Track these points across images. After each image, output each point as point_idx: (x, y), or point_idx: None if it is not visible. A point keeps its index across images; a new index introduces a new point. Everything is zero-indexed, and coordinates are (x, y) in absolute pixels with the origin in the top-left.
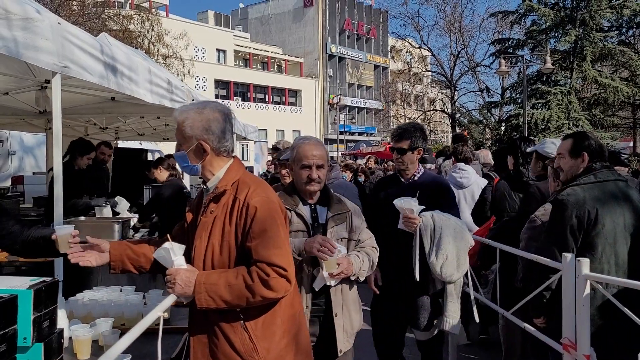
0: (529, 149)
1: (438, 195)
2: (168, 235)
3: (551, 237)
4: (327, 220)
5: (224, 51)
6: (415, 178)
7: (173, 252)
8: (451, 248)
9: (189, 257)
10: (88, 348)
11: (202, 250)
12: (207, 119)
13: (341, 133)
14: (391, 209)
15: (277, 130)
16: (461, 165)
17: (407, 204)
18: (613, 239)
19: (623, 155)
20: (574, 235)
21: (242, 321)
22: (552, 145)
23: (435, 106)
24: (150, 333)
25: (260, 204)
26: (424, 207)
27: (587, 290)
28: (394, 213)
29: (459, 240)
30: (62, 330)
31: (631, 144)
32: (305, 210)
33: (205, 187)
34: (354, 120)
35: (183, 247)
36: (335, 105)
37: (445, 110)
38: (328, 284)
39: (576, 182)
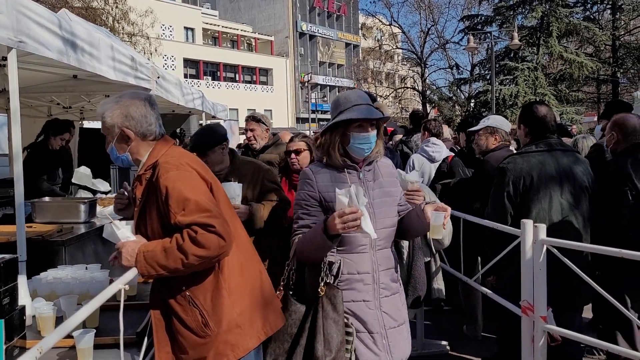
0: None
1: None
2: (108, 215)
3: (493, 202)
4: None
5: (192, 29)
6: None
7: (116, 227)
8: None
9: None
10: (52, 325)
11: None
12: (125, 106)
13: (313, 112)
14: None
15: (248, 109)
16: (434, 139)
17: (414, 177)
18: (548, 205)
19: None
20: (511, 200)
21: (190, 298)
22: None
23: (406, 84)
24: (117, 309)
25: (169, 180)
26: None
27: (544, 255)
28: None
29: None
30: (23, 307)
31: (595, 118)
32: None
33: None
34: (325, 99)
35: (124, 222)
36: (306, 84)
37: (416, 87)
38: None
39: (520, 151)
